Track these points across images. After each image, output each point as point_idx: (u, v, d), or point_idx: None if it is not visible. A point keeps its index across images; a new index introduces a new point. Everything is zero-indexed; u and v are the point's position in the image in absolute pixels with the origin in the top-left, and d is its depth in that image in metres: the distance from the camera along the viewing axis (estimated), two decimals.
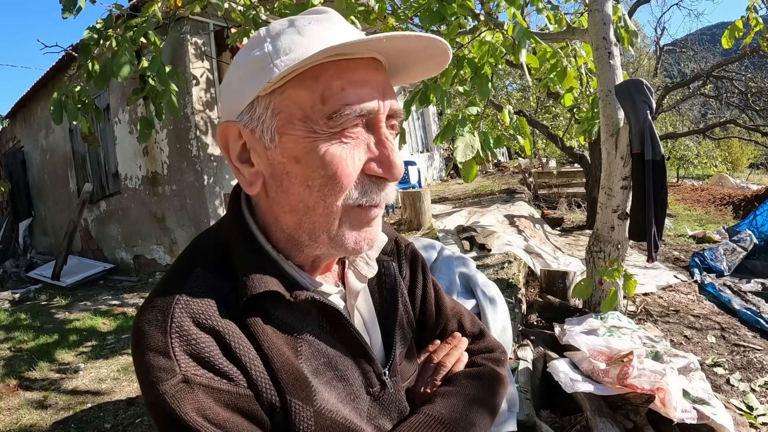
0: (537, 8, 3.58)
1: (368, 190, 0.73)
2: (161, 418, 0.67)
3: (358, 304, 0.90)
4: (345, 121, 0.70)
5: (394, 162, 0.72)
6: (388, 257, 0.98)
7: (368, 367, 0.84)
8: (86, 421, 3.05)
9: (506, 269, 4.16)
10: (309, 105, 0.70)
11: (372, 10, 3.71)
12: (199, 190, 6.34)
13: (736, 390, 3.00)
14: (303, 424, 0.72)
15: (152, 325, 0.70)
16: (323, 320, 0.81)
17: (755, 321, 3.88)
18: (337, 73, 0.70)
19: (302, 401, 0.73)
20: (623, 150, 3.23)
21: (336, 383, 0.79)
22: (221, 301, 0.73)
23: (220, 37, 6.31)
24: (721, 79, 11.19)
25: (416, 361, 1.00)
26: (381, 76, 0.74)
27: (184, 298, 0.71)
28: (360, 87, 0.70)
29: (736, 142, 22.38)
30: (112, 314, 5.27)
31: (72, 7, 3.37)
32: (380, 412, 0.85)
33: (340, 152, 0.70)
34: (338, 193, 0.71)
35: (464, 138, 3.00)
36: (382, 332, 0.93)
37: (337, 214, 0.73)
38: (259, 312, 0.74)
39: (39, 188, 10.80)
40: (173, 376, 0.66)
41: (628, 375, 2.21)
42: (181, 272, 0.76)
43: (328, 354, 0.79)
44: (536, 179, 11.25)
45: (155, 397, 0.66)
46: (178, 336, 0.68)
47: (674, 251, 6.27)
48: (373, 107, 0.71)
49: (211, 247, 0.81)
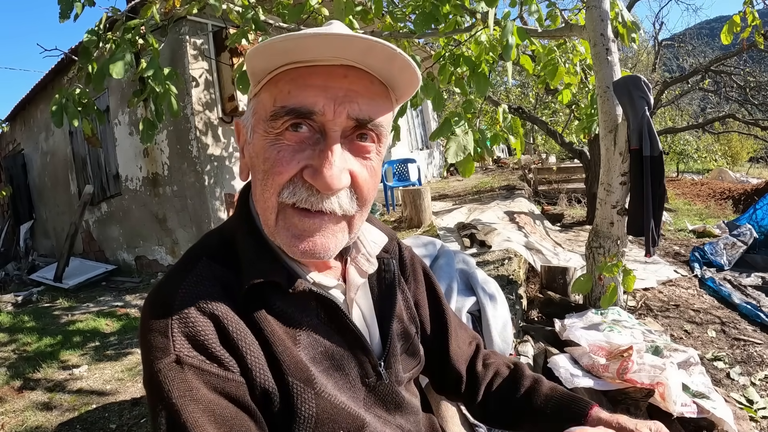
0: (529, 11, 3.57)
1: (297, 192, 0.75)
2: (151, 394, 0.71)
3: (357, 299, 0.93)
4: (283, 122, 0.74)
5: (323, 173, 0.72)
6: (388, 255, 1.01)
7: (364, 358, 0.87)
8: (91, 421, 3.06)
9: (506, 266, 4.17)
10: (268, 107, 0.76)
11: (369, 9, 3.72)
12: (200, 191, 6.36)
13: (737, 384, 3.00)
14: (304, 405, 0.76)
15: (156, 307, 0.75)
16: (322, 312, 0.84)
17: (755, 315, 3.89)
18: (292, 79, 0.74)
19: (303, 383, 0.77)
20: (622, 146, 3.24)
21: (333, 372, 0.82)
22: (224, 290, 0.77)
23: (218, 37, 6.31)
24: (719, 73, 11.18)
25: (420, 355, 1.04)
26: (347, 83, 0.74)
27: (188, 285, 0.76)
28: (307, 90, 0.73)
29: (735, 137, 22.39)
30: (115, 315, 5.28)
31: (69, 11, 3.38)
32: (375, 402, 0.88)
33: (277, 153, 0.75)
34: (271, 188, 0.76)
35: (456, 138, 3.01)
36: (380, 326, 0.96)
37: (273, 208, 0.77)
38: (260, 301, 0.78)
39: (40, 191, 10.81)
40: (167, 356, 0.70)
41: (627, 370, 2.22)
42: (187, 263, 0.81)
43: (325, 344, 0.83)
44: (536, 175, 11.23)
45: (149, 374, 0.70)
46: (178, 318, 0.72)
47: (674, 246, 6.28)
48: (308, 110, 0.73)
49: (217, 241, 0.87)
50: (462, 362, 1.12)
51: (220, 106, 6.49)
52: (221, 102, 6.50)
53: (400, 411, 0.93)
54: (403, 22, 4.00)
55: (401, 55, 0.72)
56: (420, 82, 0.80)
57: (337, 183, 0.74)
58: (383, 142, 0.82)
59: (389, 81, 0.79)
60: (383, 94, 0.79)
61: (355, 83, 0.75)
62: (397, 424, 0.90)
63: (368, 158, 0.80)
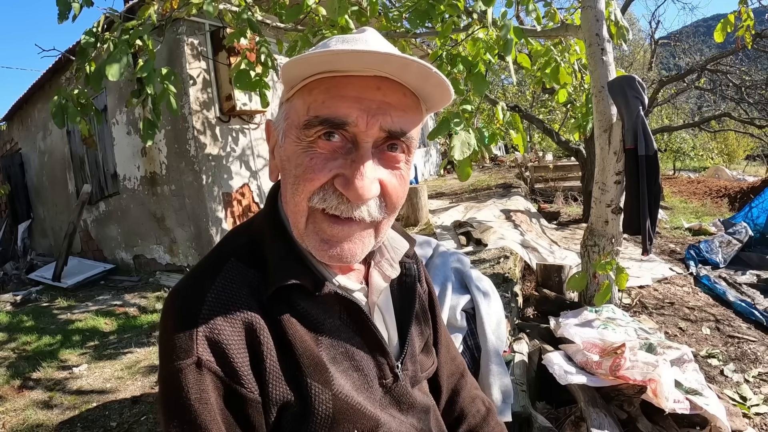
0: (527, 9, 3.59)
1: (327, 198, 0.77)
2: (166, 392, 0.73)
3: (379, 301, 0.96)
4: (316, 131, 0.75)
5: (354, 184, 0.74)
6: (410, 260, 1.04)
7: (383, 360, 0.90)
8: (92, 420, 3.09)
9: (502, 264, 4.19)
10: (302, 114, 0.77)
11: (364, 9, 3.74)
12: (198, 190, 6.37)
13: (730, 381, 3.02)
14: (321, 405, 0.78)
15: (183, 308, 0.77)
16: (344, 314, 0.87)
17: (750, 313, 3.92)
18: (327, 88, 0.75)
19: (321, 384, 0.79)
20: (616, 145, 3.26)
21: (352, 372, 0.85)
22: (251, 292, 0.80)
23: (216, 37, 6.31)
24: (715, 72, 11.21)
25: (434, 356, 1.08)
26: (380, 95, 0.75)
27: (217, 288, 0.78)
28: (341, 101, 0.74)
29: (732, 135, 22.42)
30: (114, 314, 5.30)
31: (67, 12, 3.40)
32: (391, 403, 0.91)
33: (310, 160, 0.76)
34: (302, 193, 0.77)
35: (460, 136, 3.03)
36: (398, 328, 0.98)
37: (303, 212, 0.79)
38: (286, 302, 0.81)
39: (38, 190, 10.79)
40: (189, 357, 0.72)
41: (620, 366, 2.24)
42: (216, 263, 0.83)
43: (346, 346, 0.85)
44: (533, 173, 11.28)
45: (168, 371, 0.73)
46: (204, 323, 0.74)
47: (670, 244, 6.31)
48: (341, 121, 0.74)
49: (246, 240, 0.88)
50: (445, 376, 1.14)
51: (218, 106, 6.49)
52: (219, 101, 6.50)
53: (413, 411, 0.95)
54: (399, 22, 4.02)
55: (436, 74, 0.73)
56: (453, 96, 0.82)
57: (368, 193, 0.75)
58: (413, 152, 0.84)
59: (421, 94, 0.81)
60: (415, 106, 0.81)
61: (388, 96, 0.76)
62: (410, 423, 0.93)
63: (398, 167, 0.81)
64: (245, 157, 6.89)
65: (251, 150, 6.98)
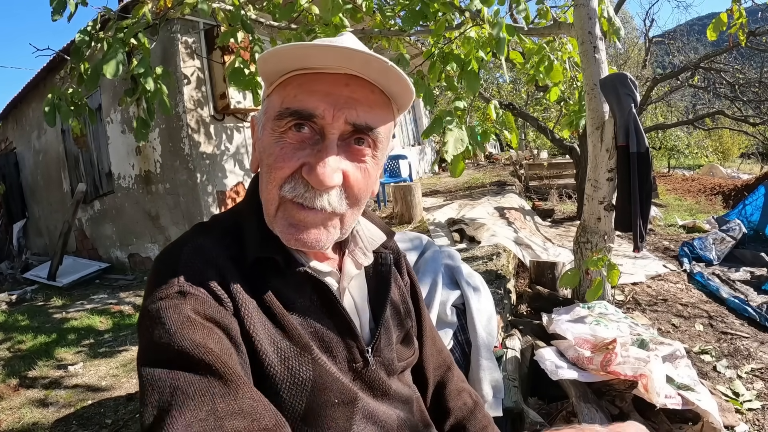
0: (517, 9, 3.61)
1: (297, 187, 0.81)
2: (145, 321, 0.75)
3: (351, 288, 0.98)
4: (287, 122, 0.81)
5: (316, 170, 0.79)
6: (386, 251, 1.07)
7: (352, 343, 0.91)
8: (87, 417, 3.09)
9: (495, 261, 4.21)
10: (276, 107, 0.83)
11: (359, 8, 3.75)
12: (192, 188, 6.37)
13: (723, 377, 3.03)
14: (302, 367, 0.81)
15: (168, 254, 0.83)
16: (315, 295, 0.89)
17: (743, 309, 3.95)
18: (299, 84, 0.81)
19: (301, 348, 0.82)
20: (608, 143, 3.28)
21: (321, 354, 0.86)
22: (230, 257, 0.84)
23: (210, 35, 6.32)
24: (709, 70, 11.24)
25: (414, 347, 1.09)
26: (348, 91, 0.81)
27: (198, 242, 0.84)
28: (311, 95, 0.80)
29: (726, 133, 22.47)
30: (109, 313, 5.30)
31: (62, 9, 3.40)
32: (361, 387, 0.91)
33: (280, 149, 0.82)
34: (273, 181, 0.83)
35: (453, 132, 3.05)
36: (372, 315, 1.00)
37: (274, 200, 0.84)
38: (259, 278, 0.85)
39: (32, 189, 10.77)
40: (171, 287, 0.76)
41: (611, 362, 2.26)
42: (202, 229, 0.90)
43: (316, 326, 0.87)
44: (527, 171, 11.29)
45: (149, 302, 0.76)
46: (185, 264, 0.80)
47: (664, 241, 6.34)
48: (309, 113, 0.79)
49: (228, 219, 0.94)
50: (431, 368, 1.16)
51: (212, 104, 6.49)
52: (213, 100, 6.50)
53: (387, 398, 0.96)
54: (393, 20, 4.03)
55: (393, 68, 0.78)
56: (413, 94, 0.87)
57: (329, 180, 0.79)
58: (379, 148, 0.88)
59: (390, 92, 0.86)
60: (383, 103, 0.86)
61: (356, 92, 0.81)
62: (384, 409, 0.94)
63: (363, 161, 0.85)
64: (239, 156, 6.89)
65: (245, 148, 6.99)
